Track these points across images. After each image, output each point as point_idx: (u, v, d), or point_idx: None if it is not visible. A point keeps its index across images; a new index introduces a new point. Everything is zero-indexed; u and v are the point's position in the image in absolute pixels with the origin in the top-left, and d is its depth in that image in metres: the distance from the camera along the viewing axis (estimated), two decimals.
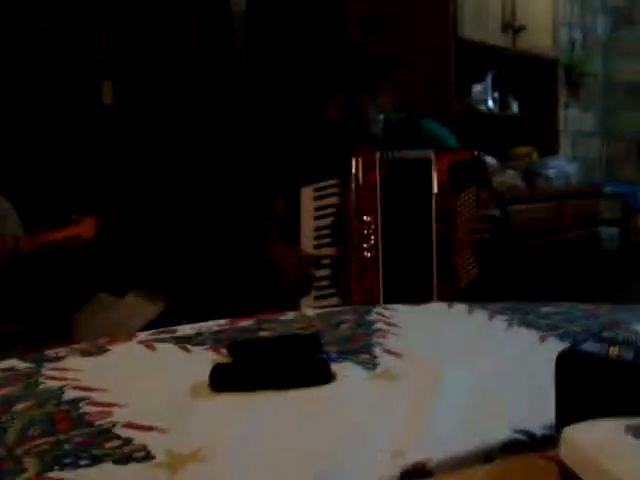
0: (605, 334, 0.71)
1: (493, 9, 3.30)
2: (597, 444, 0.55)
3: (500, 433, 0.69)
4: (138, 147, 3.02)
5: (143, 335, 1.16)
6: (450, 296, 1.70)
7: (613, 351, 0.67)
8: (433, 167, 1.78)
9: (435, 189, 1.77)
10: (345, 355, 0.99)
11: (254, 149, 3.19)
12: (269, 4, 3.39)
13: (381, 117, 2.02)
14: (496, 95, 3.59)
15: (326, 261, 1.87)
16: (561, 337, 1.07)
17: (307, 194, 1.94)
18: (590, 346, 0.69)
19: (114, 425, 0.76)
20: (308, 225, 1.92)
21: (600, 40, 4.82)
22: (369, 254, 1.81)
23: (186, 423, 0.76)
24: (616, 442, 0.55)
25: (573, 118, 4.55)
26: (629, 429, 0.55)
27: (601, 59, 4.80)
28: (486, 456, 0.66)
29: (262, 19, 3.34)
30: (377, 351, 1.01)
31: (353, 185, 1.84)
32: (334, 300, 1.84)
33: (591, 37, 4.70)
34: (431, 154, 1.80)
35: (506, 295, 2.09)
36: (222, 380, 0.87)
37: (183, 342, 1.09)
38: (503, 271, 2.10)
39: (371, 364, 0.95)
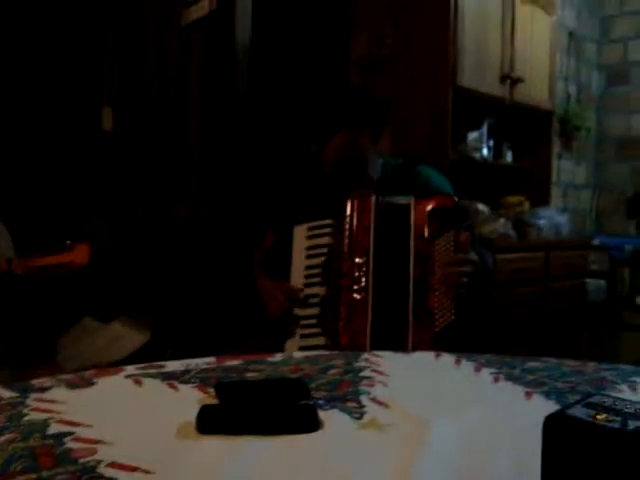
0: (593, 399, 0.72)
1: (492, 60, 3.37)
2: None
3: None
4: (134, 174, 3.03)
5: (130, 369, 1.15)
6: (424, 339, 1.73)
7: (600, 417, 0.67)
8: (413, 212, 1.82)
9: (413, 233, 1.81)
10: (332, 402, 0.99)
11: (249, 182, 3.21)
12: (274, 42, 3.44)
13: (380, 161, 2.04)
14: (491, 144, 3.63)
15: (315, 300, 1.88)
16: (547, 394, 1.07)
17: (300, 233, 1.95)
18: (577, 411, 0.69)
19: (99, 463, 0.75)
20: (299, 264, 1.93)
21: (594, 95, 4.92)
22: (359, 296, 1.82)
23: (172, 465, 0.76)
24: None
25: (566, 170, 4.62)
26: None
27: (594, 114, 4.89)
28: None
29: (266, 56, 3.39)
30: (364, 399, 1.01)
31: (347, 226, 1.86)
32: (320, 340, 1.84)
33: (586, 92, 4.80)
34: (411, 200, 1.84)
35: (484, 341, 2.10)
36: (209, 422, 0.87)
37: (170, 379, 1.09)
38: (481, 316, 2.12)
39: (358, 413, 0.95)
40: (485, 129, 3.57)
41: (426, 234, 1.81)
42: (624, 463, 0.63)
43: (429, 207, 1.83)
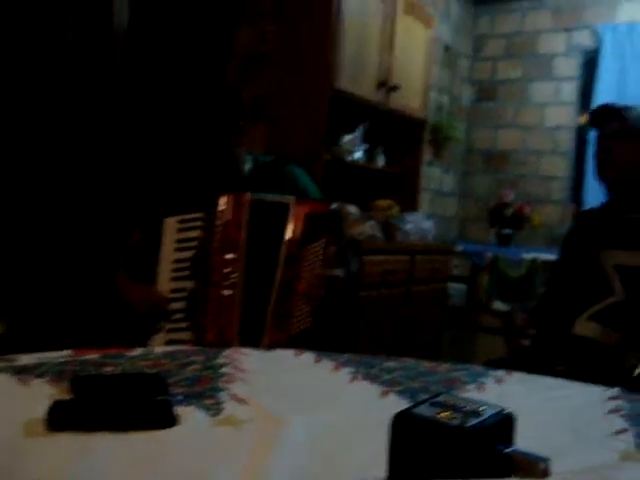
0: (439, 398, 0.76)
1: (370, 67, 3.45)
2: None
3: None
4: None
5: None
6: (279, 340, 1.76)
7: (444, 415, 0.72)
8: (290, 214, 1.84)
9: (287, 236, 1.83)
10: (190, 398, 0.99)
11: (118, 177, 3.10)
12: (152, 24, 3.35)
13: (249, 158, 2.06)
14: (365, 147, 3.72)
15: (182, 294, 1.86)
16: (401, 393, 1.12)
17: (171, 225, 1.93)
18: (424, 409, 0.73)
19: None
20: (168, 257, 1.90)
21: (464, 108, 5.17)
22: (228, 292, 1.82)
23: (18, 465, 0.73)
24: None
25: (434, 177, 4.83)
26: None
27: (464, 125, 5.14)
28: None
29: (145, 40, 3.29)
30: (223, 396, 1.02)
31: (219, 222, 1.86)
32: (187, 335, 1.83)
33: (457, 104, 5.04)
34: (291, 200, 1.86)
35: (347, 340, 2.14)
36: (60, 418, 0.84)
37: (22, 373, 1.05)
38: (343, 319, 2.17)
39: (215, 409, 0.96)
40: (360, 133, 3.66)
41: (298, 238, 1.84)
42: (462, 457, 0.68)
43: (306, 211, 1.85)
